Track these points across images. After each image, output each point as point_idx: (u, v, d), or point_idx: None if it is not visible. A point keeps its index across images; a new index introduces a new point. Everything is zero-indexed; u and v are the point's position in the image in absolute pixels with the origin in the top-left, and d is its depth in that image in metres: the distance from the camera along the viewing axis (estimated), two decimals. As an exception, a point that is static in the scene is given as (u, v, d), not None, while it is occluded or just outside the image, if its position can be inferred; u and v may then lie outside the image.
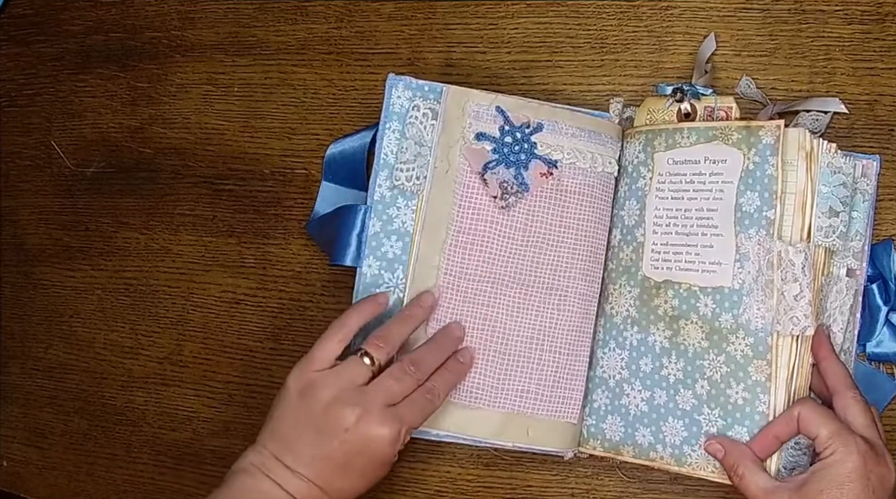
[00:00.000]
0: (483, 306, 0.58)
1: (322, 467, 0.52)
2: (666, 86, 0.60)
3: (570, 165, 0.59)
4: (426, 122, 0.59)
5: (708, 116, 0.59)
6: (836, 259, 0.56)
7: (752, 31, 0.62)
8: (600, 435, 0.59)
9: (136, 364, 0.73)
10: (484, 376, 0.58)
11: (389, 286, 0.58)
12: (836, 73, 0.61)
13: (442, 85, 0.59)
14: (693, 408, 0.55)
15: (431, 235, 0.58)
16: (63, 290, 0.75)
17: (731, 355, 0.54)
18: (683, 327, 0.56)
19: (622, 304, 0.59)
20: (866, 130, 0.60)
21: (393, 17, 0.68)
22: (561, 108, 0.60)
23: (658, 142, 0.58)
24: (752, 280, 0.54)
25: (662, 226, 0.58)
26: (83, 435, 0.74)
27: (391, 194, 0.59)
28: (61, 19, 0.76)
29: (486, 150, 0.58)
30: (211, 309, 0.71)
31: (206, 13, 0.72)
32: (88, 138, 0.75)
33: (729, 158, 0.55)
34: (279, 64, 0.70)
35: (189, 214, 0.72)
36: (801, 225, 0.53)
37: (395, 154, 0.59)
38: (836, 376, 0.52)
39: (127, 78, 0.74)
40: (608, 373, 0.59)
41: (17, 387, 0.76)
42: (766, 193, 0.54)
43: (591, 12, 0.64)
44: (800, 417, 0.51)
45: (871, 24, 0.60)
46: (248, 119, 0.70)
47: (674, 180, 0.57)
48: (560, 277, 0.59)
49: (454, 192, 0.58)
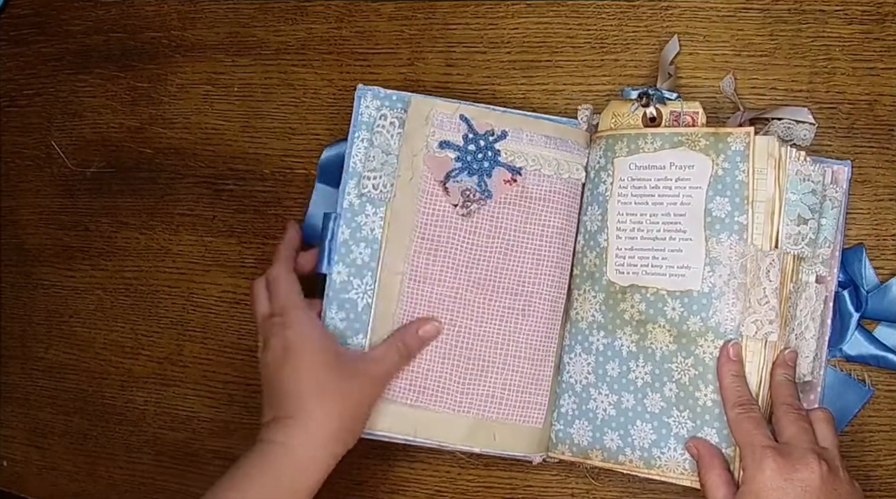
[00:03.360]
0: (448, 312, 0.58)
1: (279, 398, 0.54)
2: (631, 90, 0.60)
3: (535, 171, 0.59)
4: (393, 131, 0.59)
5: (674, 121, 0.59)
6: (804, 266, 0.56)
7: (752, 31, 0.62)
8: (568, 440, 0.59)
9: (136, 364, 0.73)
10: (450, 381, 0.58)
11: (359, 292, 0.59)
12: (836, 73, 0.61)
13: (409, 94, 0.60)
14: (662, 411, 0.55)
15: (396, 242, 0.58)
16: (63, 290, 0.75)
17: (699, 358, 0.54)
18: (651, 331, 0.56)
19: (587, 309, 0.59)
20: (866, 129, 0.60)
21: (393, 17, 0.68)
22: (526, 116, 0.60)
23: (619, 147, 0.58)
24: (724, 283, 0.54)
25: (626, 231, 0.58)
26: (83, 435, 0.74)
27: (360, 202, 0.59)
28: (61, 19, 0.76)
29: (448, 158, 0.59)
30: (211, 309, 0.71)
31: (206, 13, 0.72)
32: (88, 138, 0.75)
33: (696, 164, 0.55)
34: (279, 64, 0.70)
35: (189, 214, 0.72)
36: (770, 232, 0.53)
37: (363, 163, 0.59)
38: (732, 391, 0.53)
39: (127, 78, 0.74)
40: (575, 378, 0.59)
41: (17, 387, 0.76)
42: (738, 198, 0.54)
43: (591, 12, 0.64)
44: (698, 453, 0.53)
45: (871, 24, 0.60)
46: (248, 119, 0.70)
47: (637, 185, 0.57)
48: (525, 282, 0.59)
49: (418, 200, 0.58)
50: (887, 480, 0.59)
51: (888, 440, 0.59)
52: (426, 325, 0.58)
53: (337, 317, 0.59)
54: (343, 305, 0.59)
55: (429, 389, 0.58)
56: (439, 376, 0.58)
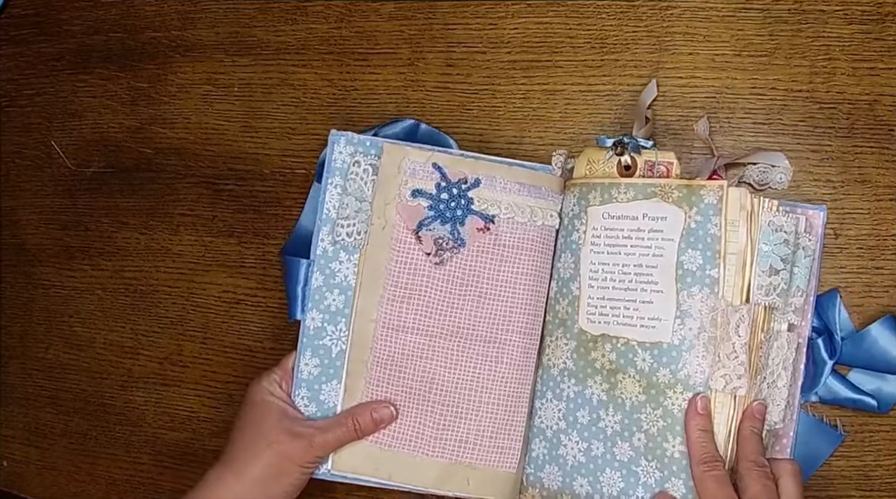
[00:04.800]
0: (420, 359, 0.59)
1: (228, 442, 0.58)
2: (606, 138, 0.59)
3: (508, 219, 0.59)
4: (367, 178, 0.59)
5: (648, 171, 0.58)
6: (776, 315, 0.55)
7: (752, 32, 0.62)
8: (538, 484, 0.59)
9: (136, 364, 0.73)
10: (424, 426, 0.59)
11: (332, 339, 0.59)
12: (836, 73, 0.61)
13: (381, 140, 0.60)
14: (630, 460, 0.55)
15: (369, 289, 0.59)
16: (63, 290, 0.75)
17: (668, 409, 0.54)
18: (621, 381, 0.56)
19: (559, 356, 0.59)
20: (866, 130, 0.60)
21: (393, 17, 0.68)
22: (499, 163, 0.60)
23: (592, 196, 0.58)
24: (694, 336, 0.54)
25: (598, 280, 0.57)
26: (83, 435, 0.74)
27: (333, 249, 0.59)
28: (61, 19, 0.76)
29: (421, 206, 0.59)
30: (211, 309, 0.71)
31: (206, 13, 0.72)
32: (88, 138, 0.75)
33: (669, 216, 0.55)
34: (279, 64, 0.70)
35: (189, 214, 0.72)
36: (741, 285, 0.53)
37: (336, 210, 0.60)
38: (698, 447, 0.53)
39: (127, 78, 0.74)
40: (546, 423, 0.59)
41: (17, 387, 0.76)
42: (709, 251, 0.54)
43: (591, 12, 0.64)
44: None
45: (871, 24, 0.60)
46: (248, 119, 0.70)
47: (609, 235, 0.57)
48: (498, 329, 0.59)
49: (390, 248, 0.59)
50: (887, 480, 0.59)
51: (888, 440, 0.59)
52: (382, 409, 0.58)
53: (311, 363, 0.59)
54: (317, 352, 0.59)
55: (403, 433, 0.58)
56: (413, 420, 0.59)
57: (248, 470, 0.56)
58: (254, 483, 0.55)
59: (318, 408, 0.59)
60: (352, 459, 0.58)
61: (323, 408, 0.59)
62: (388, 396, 0.59)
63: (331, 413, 0.59)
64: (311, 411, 0.59)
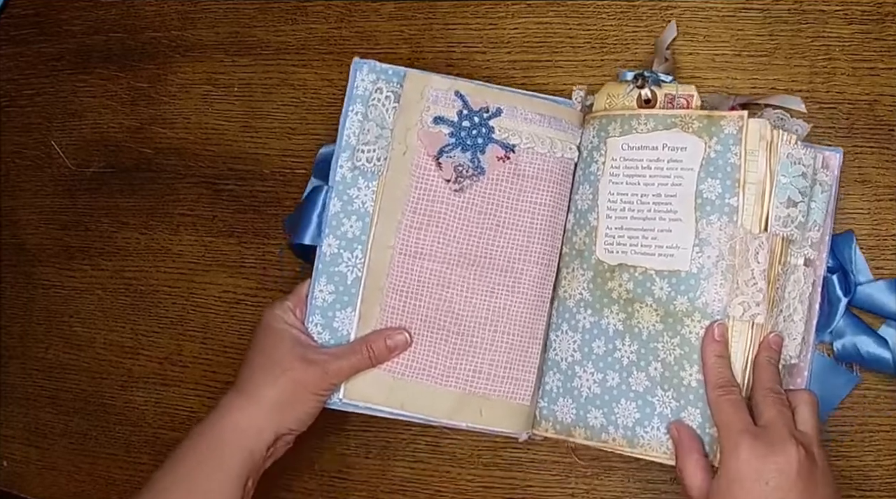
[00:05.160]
0: (437, 287, 0.59)
1: (240, 369, 0.58)
2: (627, 72, 0.60)
3: (528, 149, 0.59)
4: (388, 105, 0.59)
5: (668, 104, 0.59)
6: (793, 249, 0.56)
7: (752, 31, 0.62)
8: (552, 417, 0.59)
9: (136, 364, 0.73)
10: (437, 355, 0.58)
11: (348, 266, 0.59)
12: (836, 73, 0.61)
13: (405, 68, 0.60)
14: (646, 390, 0.56)
15: (388, 215, 0.58)
16: (63, 290, 0.75)
17: (685, 338, 0.54)
18: (638, 310, 0.56)
19: (575, 287, 0.59)
20: (866, 129, 0.60)
21: (393, 17, 0.68)
22: (521, 94, 0.60)
23: (612, 127, 0.59)
24: (713, 265, 0.54)
25: (616, 210, 0.58)
26: (83, 435, 0.74)
27: (352, 175, 0.59)
28: (61, 19, 0.76)
29: (443, 133, 0.59)
30: (211, 309, 0.71)
31: (206, 13, 0.72)
32: (88, 138, 0.75)
33: (689, 146, 0.56)
34: (279, 64, 0.70)
35: (189, 214, 0.72)
36: (759, 214, 0.54)
37: (356, 136, 0.59)
38: (714, 372, 0.53)
39: (127, 78, 0.74)
40: (560, 356, 0.59)
41: (17, 387, 0.76)
42: (729, 180, 0.54)
43: (591, 12, 0.64)
44: (678, 437, 0.53)
45: (871, 24, 0.60)
46: (248, 119, 0.70)
47: (629, 166, 0.58)
48: (515, 259, 0.59)
49: (410, 173, 0.58)
50: (887, 480, 0.59)
51: (888, 440, 0.59)
52: (396, 336, 0.58)
53: (326, 290, 0.59)
54: (332, 278, 0.59)
55: (416, 362, 0.58)
56: (427, 349, 0.58)
57: (263, 396, 0.55)
58: (269, 408, 0.55)
59: (331, 335, 0.59)
60: (364, 387, 0.58)
61: (336, 335, 0.59)
62: (403, 324, 0.58)
63: (344, 341, 0.58)
64: (325, 339, 0.59)
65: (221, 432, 0.55)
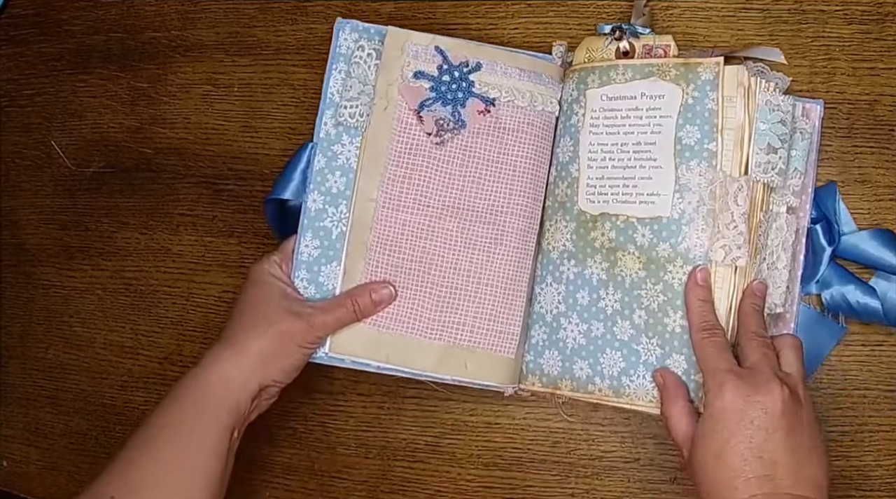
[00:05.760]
0: (420, 239, 0.59)
1: (227, 322, 0.59)
2: (605, 25, 0.61)
3: (509, 103, 0.60)
4: (370, 62, 0.60)
5: (646, 54, 0.59)
6: (775, 197, 0.56)
7: (752, 32, 0.62)
8: (538, 370, 0.59)
9: (136, 364, 0.73)
10: (422, 308, 0.59)
11: (333, 220, 0.60)
12: (836, 73, 0.61)
13: (386, 27, 0.60)
14: (631, 338, 0.56)
15: (370, 169, 0.59)
16: (63, 290, 0.75)
17: (668, 284, 0.55)
18: (621, 259, 0.57)
19: (558, 239, 0.59)
20: (866, 130, 0.60)
21: (393, 17, 0.68)
22: (501, 50, 0.61)
23: (591, 79, 0.59)
24: (693, 210, 0.54)
25: (597, 160, 0.58)
26: (83, 435, 0.74)
27: (336, 132, 0.60)
28: (61, 19, 0.76)
29: (423, 88, 0.59)
30: (211, 309, 0.71)
31: (206, 13, 0.72)
32: (88, 138, 0.75)
33: (667, 94, 0.56)
34: (279, 64, 0.70)
35: (189, 214, 0.72)
36: (739, 159, 0.54)
37: (340, 93, 0.60)
38: (697, 315, 0.53)
39: (127, 78, 0.74)
40: (545, 308, 0.60)
41: (17, 387, 0.76)
42: (707, 126, 0.55)
43: (591, 12, 0.64)
44: (664, 384, 0.53)
45: (871, 24, 0.60)
46: (248, 119, 0.70)
47: (608, 116, 0.58)
48: (498, 212, 0.59)
49: (392, 128, 0.59)
50: (887, 480, 0.59)
51: (888, 440, 0.59)
52: (381, 290, 0.58)
53: (312, 245, 0.59)
54: (317, 233, 0.60)
55: (401, 315, 0.59)
56: (411, 303, 0.59)
57: (250, 348, 0.56)
58: (255, 360, 0.56)
59: (317, 290, 0.59)
60: (350, 341, 0.58)
61: (322, 290, 0.59)
62: (387, 277, 0.59)
63: (329, 295, 0.59)
64: (311, 293, 0.59)
65: (208, 384, 0.55)
